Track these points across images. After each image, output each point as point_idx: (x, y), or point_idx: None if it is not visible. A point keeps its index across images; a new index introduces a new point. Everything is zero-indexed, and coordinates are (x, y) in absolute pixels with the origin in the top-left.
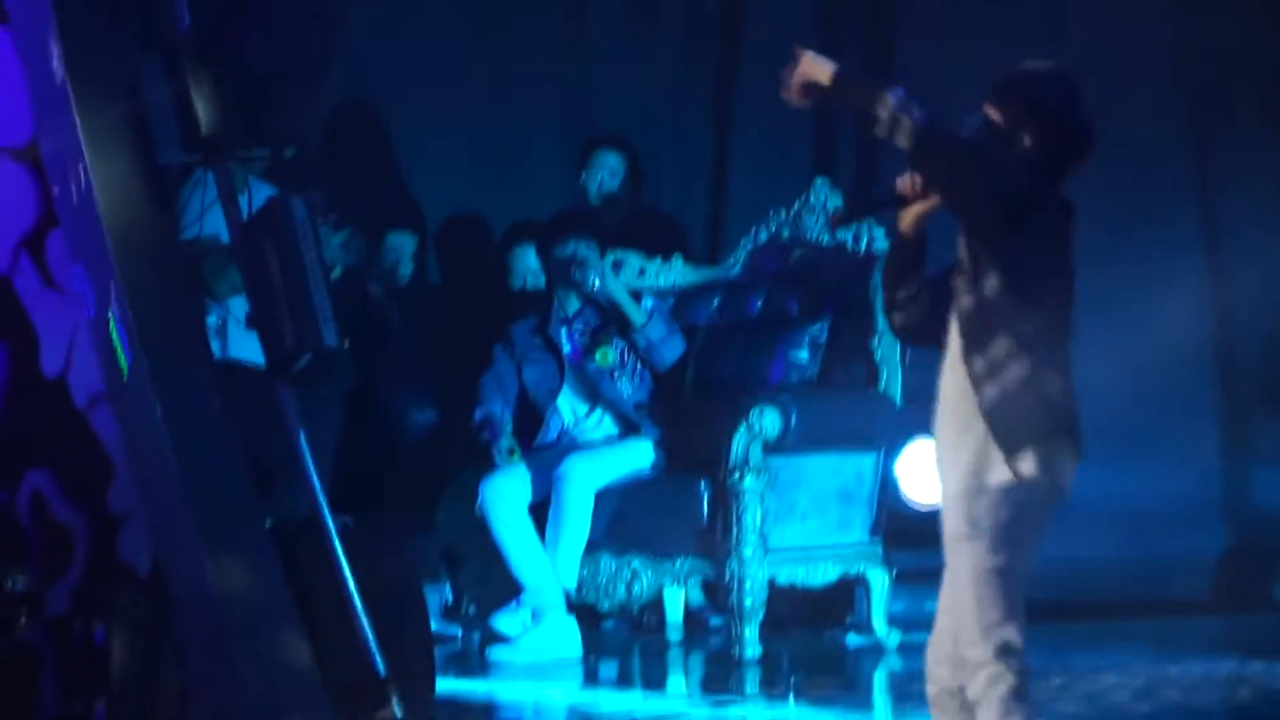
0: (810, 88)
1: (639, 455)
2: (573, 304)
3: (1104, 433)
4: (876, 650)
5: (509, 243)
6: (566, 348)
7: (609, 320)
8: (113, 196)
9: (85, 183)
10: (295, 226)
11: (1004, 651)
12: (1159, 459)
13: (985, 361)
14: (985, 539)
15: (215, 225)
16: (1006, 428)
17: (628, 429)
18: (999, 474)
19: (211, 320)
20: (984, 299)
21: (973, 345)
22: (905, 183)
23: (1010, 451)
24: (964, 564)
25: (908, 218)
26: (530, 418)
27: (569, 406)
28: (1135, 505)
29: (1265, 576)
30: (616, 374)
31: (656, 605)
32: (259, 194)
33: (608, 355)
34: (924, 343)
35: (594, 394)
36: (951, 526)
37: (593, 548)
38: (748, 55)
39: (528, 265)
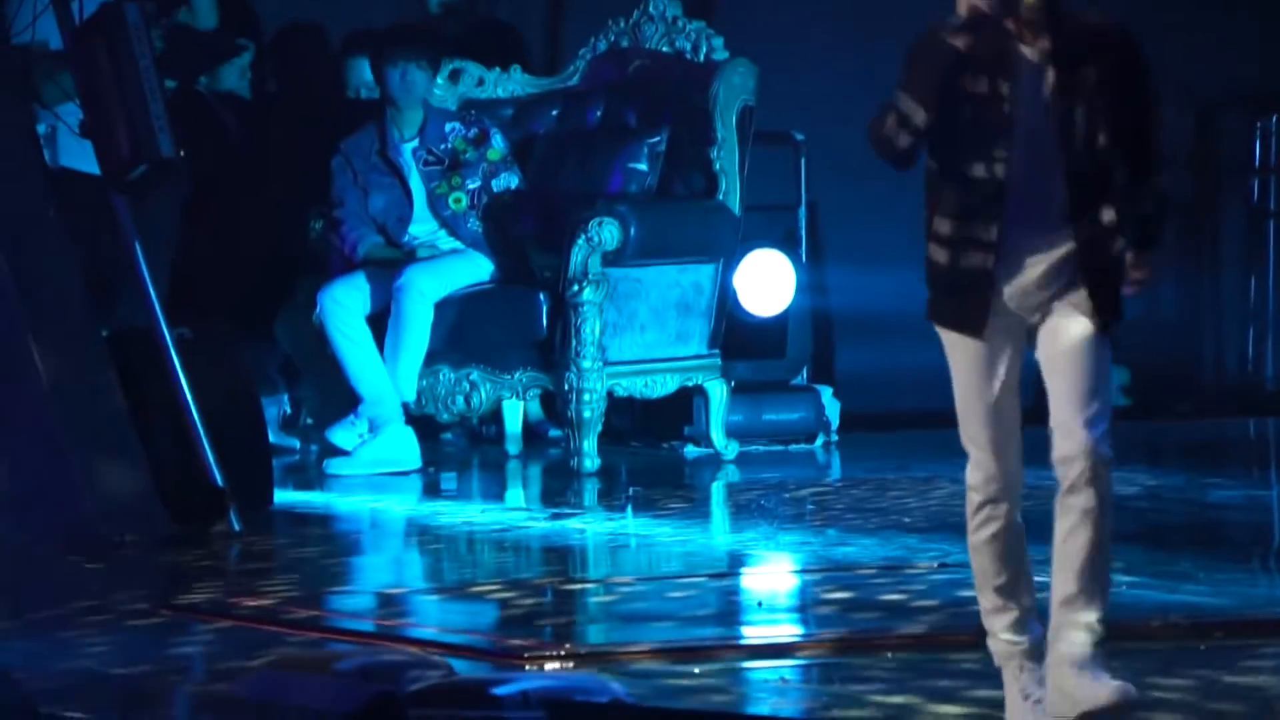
0: None
1: (479, 267)
2: (410, 125)
3: None
4: (715, 461)
5: (345, 54)
6: (414, 176)
7: (455, 156)
8: None
9: None
10: (130, 32)
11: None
12: None
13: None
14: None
15: (47, 31)
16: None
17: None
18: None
19: (40, 129)
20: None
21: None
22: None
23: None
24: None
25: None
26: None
27: (415, 228)
28: None
29: None
30: (466, 214)
31: (495, 417)
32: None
33: (461, 200)
34: (903, 167)
35: (438, 217)
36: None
37: (431, 359)
38: None
39: (362, 78)
